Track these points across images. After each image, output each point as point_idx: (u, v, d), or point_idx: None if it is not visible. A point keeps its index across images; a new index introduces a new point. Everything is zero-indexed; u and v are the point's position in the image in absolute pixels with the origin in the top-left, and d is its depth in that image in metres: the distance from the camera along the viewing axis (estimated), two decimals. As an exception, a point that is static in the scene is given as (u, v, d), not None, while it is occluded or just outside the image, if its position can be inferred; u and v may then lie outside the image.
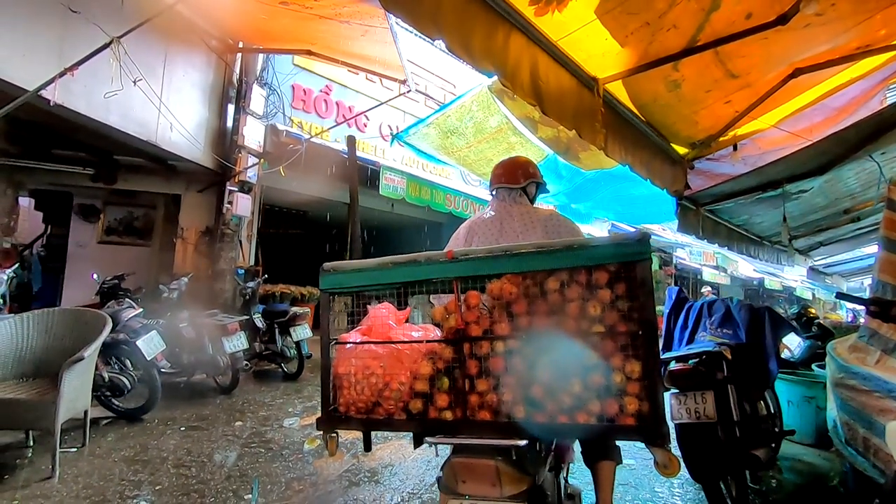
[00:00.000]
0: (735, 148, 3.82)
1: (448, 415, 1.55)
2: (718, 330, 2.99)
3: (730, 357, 2.71)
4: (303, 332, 6.11)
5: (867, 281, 12.52)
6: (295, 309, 6.22)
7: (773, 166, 3.89)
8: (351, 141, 5.29)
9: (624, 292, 1.47)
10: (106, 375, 4.13)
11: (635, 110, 3.45)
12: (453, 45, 2.03)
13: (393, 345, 1.67)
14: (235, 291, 7.08)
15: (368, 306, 1.88)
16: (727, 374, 2.68)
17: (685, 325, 3.28)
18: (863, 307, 1.86)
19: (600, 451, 2.00)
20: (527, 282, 1.58)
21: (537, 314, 1.54)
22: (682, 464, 1.41)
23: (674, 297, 3.54)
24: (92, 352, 3.29)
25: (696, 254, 14.97)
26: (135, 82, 4.18)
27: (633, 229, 12.77)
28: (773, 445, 3.37)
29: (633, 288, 1.44)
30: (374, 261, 1.69)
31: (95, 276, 5.35)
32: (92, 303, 5.19)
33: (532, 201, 2.49)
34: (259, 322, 6.01)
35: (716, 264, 15.97)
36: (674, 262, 15.15)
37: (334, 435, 1.67)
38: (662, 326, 3.53)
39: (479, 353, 1.57)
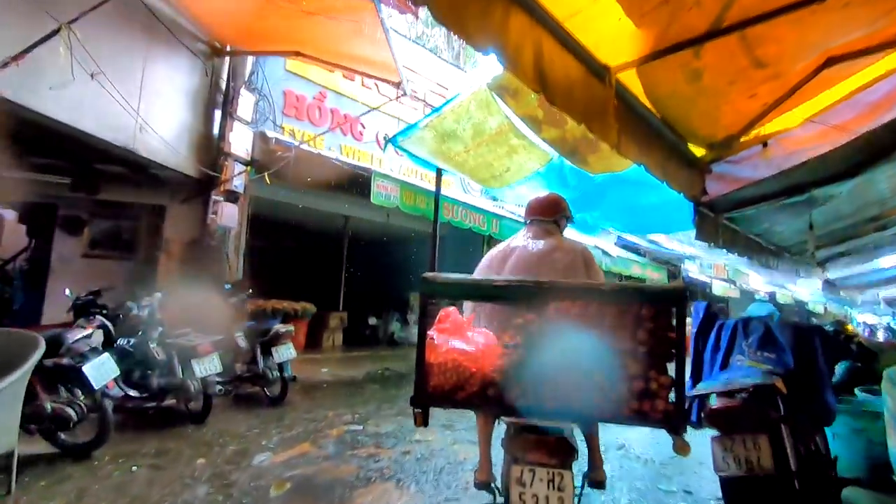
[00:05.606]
0: (765, 145, 3.48)
1: (521, 401, 1.90)
2: (758, 353, 2.49)
3: (784, 390, 2.21)
4: (286, 352, 5.64)
5: (883, 293, 12.02)
6: (278, 326, 5.74)
7: (799, 169, 3.56)
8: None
9: (665, 324, 1.87)
10: (48, 406, 3.57)
11: (650, 105, 3.11)
12: (441, 13, 1.70)
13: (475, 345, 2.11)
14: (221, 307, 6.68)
15: (445, 310, 2.26)
16: (784, 411, 2.20)
17: (717, 346, 2.81)
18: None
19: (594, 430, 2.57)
20: (589, 308, 1.95)
21: (601, 335, 1.89)
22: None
23: (702, 313, 3.05)
24: (14, 381, 2.81)
25: (707, 266, 14.34)
26: (92, 76, 3.85)
27: (641, 241, 12.44)
28: (835, 498, 2.71)
29: (671, 322, 1.86)
30: (470, 280, 2.25)
31: (68, 291, 4.95)
32: (65, 321, 4.81)
33: (561, 232, 2.94)
34: (241, 341, 5.55)
35: (727, 277, 15.31)
36: (681, 274, 14.48)
37: (420, 410, 1.98)
38: (690, 347, 3.03)
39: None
